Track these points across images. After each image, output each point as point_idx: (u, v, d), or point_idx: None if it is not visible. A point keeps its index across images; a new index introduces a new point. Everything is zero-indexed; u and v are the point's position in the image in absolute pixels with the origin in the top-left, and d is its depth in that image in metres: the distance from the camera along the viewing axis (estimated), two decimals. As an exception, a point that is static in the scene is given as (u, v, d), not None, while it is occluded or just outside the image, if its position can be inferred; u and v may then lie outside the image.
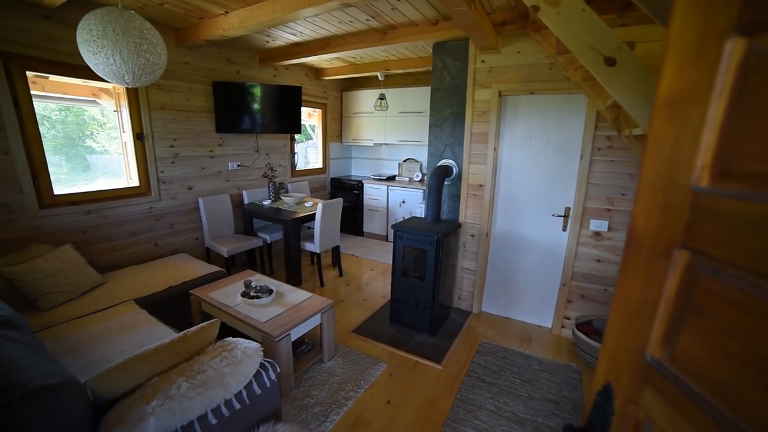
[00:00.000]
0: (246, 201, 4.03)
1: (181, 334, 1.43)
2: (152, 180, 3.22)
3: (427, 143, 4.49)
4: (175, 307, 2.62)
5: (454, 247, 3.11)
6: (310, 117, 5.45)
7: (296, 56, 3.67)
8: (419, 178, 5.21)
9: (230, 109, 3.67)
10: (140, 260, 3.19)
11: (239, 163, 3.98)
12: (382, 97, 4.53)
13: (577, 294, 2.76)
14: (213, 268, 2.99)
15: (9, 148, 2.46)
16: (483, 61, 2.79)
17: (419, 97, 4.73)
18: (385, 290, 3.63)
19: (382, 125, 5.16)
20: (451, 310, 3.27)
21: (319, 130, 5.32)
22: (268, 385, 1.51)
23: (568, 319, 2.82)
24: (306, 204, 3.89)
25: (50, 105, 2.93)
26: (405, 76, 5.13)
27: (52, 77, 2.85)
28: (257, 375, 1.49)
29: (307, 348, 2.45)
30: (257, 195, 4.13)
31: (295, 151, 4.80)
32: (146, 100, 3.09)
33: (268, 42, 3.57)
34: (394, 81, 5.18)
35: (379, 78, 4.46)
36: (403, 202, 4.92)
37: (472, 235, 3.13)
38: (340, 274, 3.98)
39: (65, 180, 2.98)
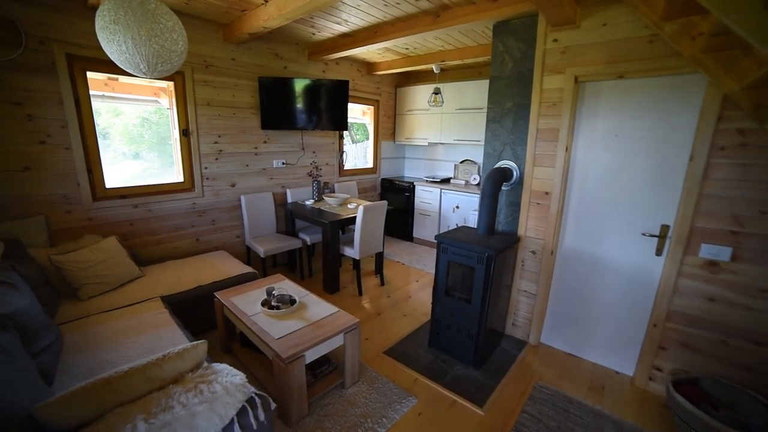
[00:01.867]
0: (289, 200, 3.92)
1: (159, 356, 1.23)
2: (196, 176, 3.23)
3: (483, 143, 4.00)
4: (201, 307, 2.54)
5: (509, 264, 2.61)
6: (364, 114, 5.25)
7: (344, 48, 3.44)
8: (476, 182, 4.69)
9: (276, 105, 3.57)
10: (181, 255, 3.21)
11: (284, 161, 3.89)
12: (436, 92, 4.13)
13: (674, 340, 2.10)
14: (245, 269, 2.87)
15: (70, 144, 2.58)
16: (555, 41, 2.26)
17: (479, 92, 4.23)
18: (428, 306, 3.23)
19: (437, 123, 4.75)
20: (502, 338, 2.77)
21: (370, 128, 5.08)
22: (255, 428, 1.24)
23: (659, 370, 2.17)
24: (349, 206, 3.65)
25: (120, 106, 3.06)
26: (464, 69, 4.66)
27: (121, 78, 2.98)
28: (242, 413, 1.23)
29: (328, 368, 2.17)
30: (301, 194, 4.01)
31: (344, 149, 4.61)
32: (193, 95, 3.09)
33: (314, 34, 3.39)
34: (451, 75, 4.73)
35: (435, 71, 4.07)
36: (457, 207, 4.46)
37: (533, 252, 2.60)
38: (382, 283, 3.67)
39: (157, 174, 3.21)
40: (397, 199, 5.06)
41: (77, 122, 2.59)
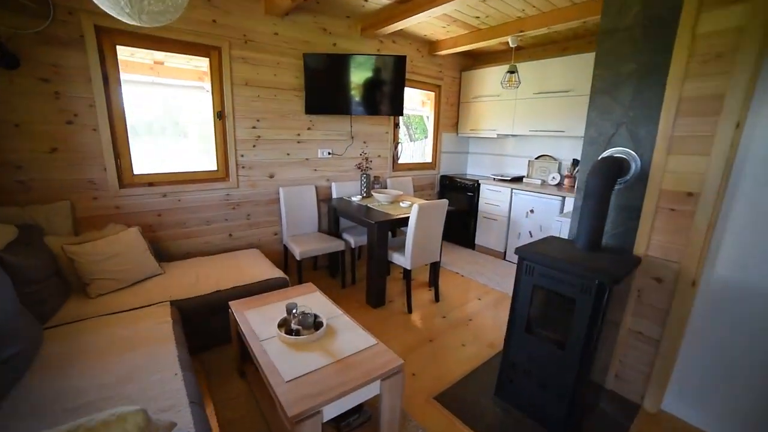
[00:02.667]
0: (334, 195, 3.46)
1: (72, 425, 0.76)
2: (231, 164, 2.89)
3: (571, 134, 3.17)
4: (216, 316, 2.14)
5: (618, 295, 1.83)
6: (424, 105, 4.64)
7: (401, 17, 2.88)
8: (556, 181, 3.84)
9: (323, 87, 3.12)
10: (212, 251, 2.90)
11: (330, 151, 3.43)
12: (512, 70, 3.38)
13: None
14: (275, 273, 2.44)
15: (97, 125, 2.35)
16: (724, -42, 1.46)
17: (565, 70, 3.41)
18: (494, 335, 2.54)
19: (509, 111, 3.98)
20: (600, 394, 1.99)
21: (429, 122, 4.45)
22: None
23: None
24: (401, 204, 3.08)
25: (165, 90, 2.85)
26: (544, 45, 3.84)
27: (167, 62, 2.76)
28: None
29: (358, 420, 1.62)
30: (348, 189, 3.52)
31: (399, 140, 4.05)
32: (229, 74, 2.74)
33: (365, 4, 2.88)
34: (528, 53, 3.93)
35: (510, 44, 3.33)
36: (531, 211, 3.66)
37: (659, 280, 1.80)
38: (436, 299, 3.04)
39: (194, 161, 2.96)
40: (458, 199, 4.37)
41: (105, 101, 2.35)
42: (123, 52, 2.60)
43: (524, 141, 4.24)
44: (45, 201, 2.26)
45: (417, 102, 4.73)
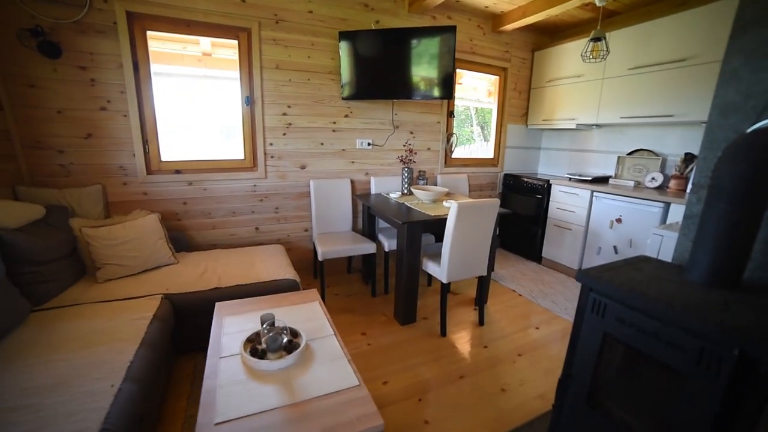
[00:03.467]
0: (373, 191, 3.10)
1: None
2: (259, 153, 2.71)
3: (683, 119, 2.36)
4: (209, 316, 1.92)
5: None
6: (491, 96, 4.04)
7: (453, -21, 2.40)
8: (657, 183, 2.94)
9: (361, 69, 2.78)
10: (237, 244, 2.77)
11: (370, 142, 3.08)
12: (598, 37, 2.61)
13: None
14: (286, 274, 2.16)
15: (127, 111, 2.34)
16: None
17: (681, 32, 2.55)
18: (550, 382, 1.91)
19: (594, 94, 3.18)
20: None
21: (494, 108, 3.83)
22: None
23: None
24: (445, 204, 2.59)
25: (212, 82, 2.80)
26: (648, 6, 2.97)
27: (215, 54, 2.71)
28: None
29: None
30: (389, 185, 3.13)
31: (453, 131, 3.53)
32: (259, 56, 2.56)
33: (412, -38, 2.46)
34: (622, 20, 3.09)
35: (597, 3, 2.57)
36: (618, 220, 2.84)
37: None
38: (481, 322, 2.47)
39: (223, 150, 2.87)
40: (524, 203, 3.68)
41: (134, 87, 2.32)
42: (173, 46, 2.59)
43: (613, 132, 3.37)
44: (81, 185, 2.30)
45: (483, 92, 4.14)
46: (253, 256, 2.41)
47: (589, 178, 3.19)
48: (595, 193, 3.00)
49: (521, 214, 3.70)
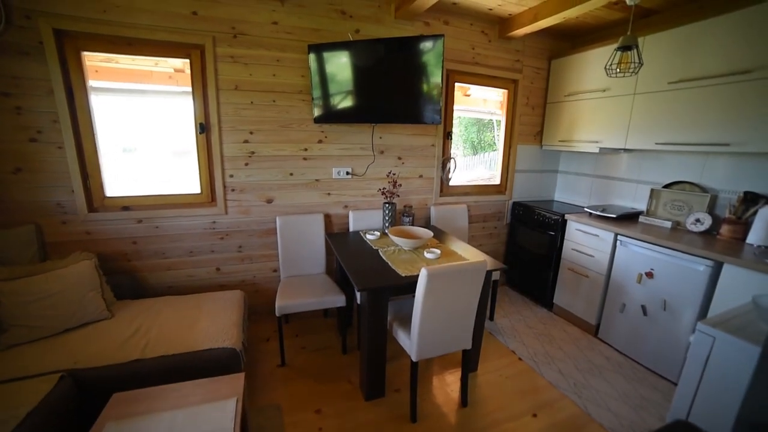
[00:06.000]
0: (352, 227, 2.70)
1: None
2: (217, 186, 2.38)
3: (742, 149, 1.80)
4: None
5: None
6: (502, 107, 3.54)
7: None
8: (704, 227, 2.35)
9: (337, 87, 2.38)
10: (196, 287, 2.46)
11: (349, 170, 2.68)
12: (627, 45, 2.04)
13: None
14: (225, 341, 1.81)
15: (62, 143, 2.07)
16: None
17: (743, 35, 1.96)
18: None
19: (623, 113, 2.62)
20: None
21: (501, 126, 3.32)
22: None
23: None
24: (426, 254, 2.13)
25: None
26: (698, 1, 2.36)
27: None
28: None
29: None
30: (372, 220, 2.72)
31: (451, 155, 3.06)
32: (214, 77, 2.22)
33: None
34: (663, 19, 2.49)
35: (628, 2, 2.01)
36: (650, 274, 2.28)
37: None
38: (464, 402, 2.01)
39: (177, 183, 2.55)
40: (534, 238, 3.15)
41: (69, 116, 2.04)
42: (144, 62, 2.29)
43: (645, 158, 2.78)
44: (10, 225, 2.05)
45: (494, 105, 3.63)
46: (202, 309, 2.08)
47: (614, 216, 2.63)
48: (620, 237, 2.45)
49: (531, 251, 3.17)
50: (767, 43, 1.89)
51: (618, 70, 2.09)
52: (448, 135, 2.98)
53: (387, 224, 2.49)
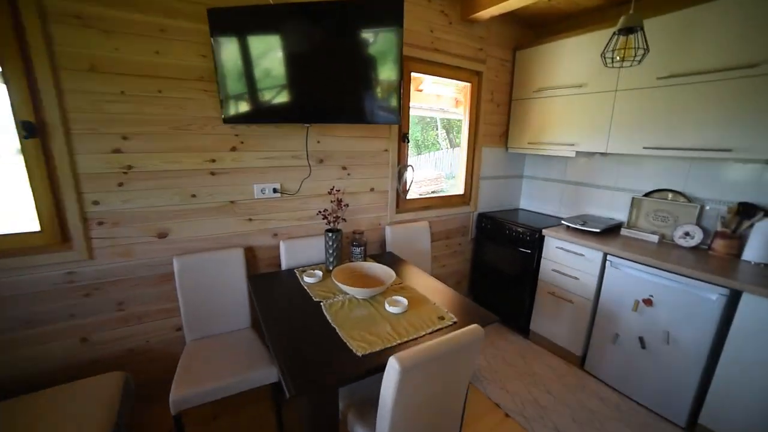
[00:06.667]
0: (284, 264, 2.02)
1: None
2: (71, 219, 1.56)
3: (743, 155, 1.33)
4: None
5: None
6: (458, 106, 3.10)
7: None
8: (694, 242, 2.08)
9: (255, 73, 1.69)
10: (48, 373, 1.61)
11: (277, 187, 2.00)
12: (630, 26, 1.63)
13: None
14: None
15: None
16: None
17: (746, 23, 1.66)
18: None
19: (602, 112, 2.28)
20: None
21: (464, 126, 2.86)
22: None
23: None
24: (389, 308, 1.52)
25: None
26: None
27: None
28: None
29: None
30: (311, 252, 2.07)
31: (408, 163, 2.52)
32: (44, 47, 1.40)
33: None
34: (652, 5, 2.17)
35: None
36: (648, 301, 1.94)
37: None
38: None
39: None
40: (505, 256, 2.74)
41: None
42: None
43: (623, 163, 2.49)
44: None
45: (448, 101, 3.17)
46: (47, 419, 1.28)
47: (597, 230, 2.28)
48: (609, 258, 2.09)
49: (502, 270, 2.76)
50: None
51: (618, 57, 1.68)
52: (404, 138, 2.43)
53: (332, 259, 1.87)
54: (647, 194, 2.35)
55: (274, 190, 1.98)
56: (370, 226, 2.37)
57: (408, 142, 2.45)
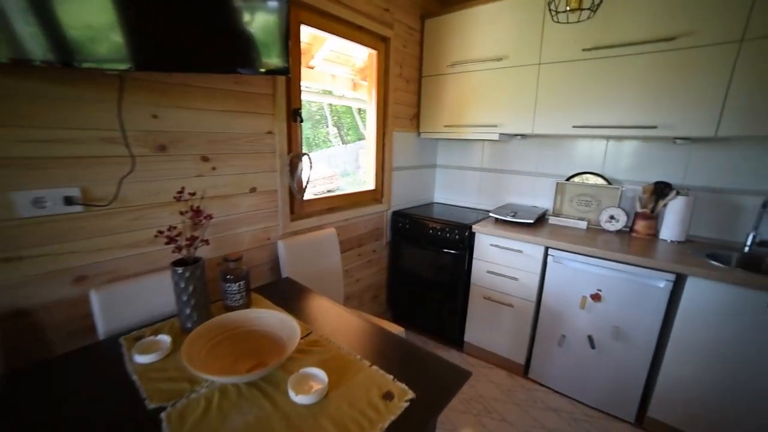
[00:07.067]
0: (101, 328, 1.14)
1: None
2: None
3: (665, 133, 1.09)
4: None
5: None
6: (356, 89, 2.59)
7: None
8: (619, 225, 1.98)
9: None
10: None
11: (74, 194, 1.11)
12: None
13: None
14: None
15: None
16: None
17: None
18: None
19: (526, 89, 2.01)
20: None
21: (371, 108, 2.31)
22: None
23: None
24: (296, 397, 0.90)
25: None
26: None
27: None
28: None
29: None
30: (149, 301, 1.23)
31: (302, 152, 1.85)
32: None
33: None
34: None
35: None
36: (597, 296, 1.72)
37: None
38: None
39: None
40: (427, 259, 2.31)
41: None
42: None
43: (544, 146, 2.31)
44: None
45: (344, 83, 2.61)
46: None
47: (531, 221, 2.02)
48: (551, 252, 1.83)
49: (425, 277, 2.34)
50: (696, 5, 1.50)
51: (565, 6, 1.35)
52: (295, 115, 1.76)
53: (188, 311, 1.10)
54: (569, 178, 2.21)
55: (68, 200, 1.09)
56: (254, 244, 1.64)
57: (301, 121, 1.79)
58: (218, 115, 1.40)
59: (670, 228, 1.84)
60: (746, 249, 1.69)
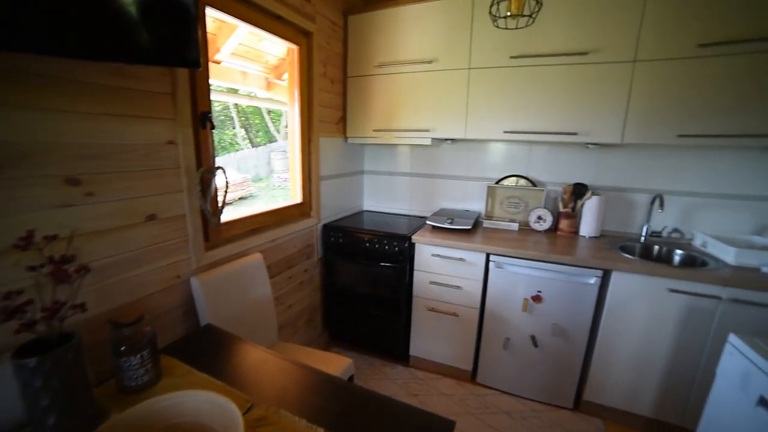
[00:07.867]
0: None
1: None
2: None
3: (585, 139, 1.16)
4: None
5: None
6: (270, 88, 2.28)
7: None
8: (547, 225, 2.10)
9: None
10: None
11: None
12: None
13: None
14: None
15: None
16: None
17: (588, 9, 1.63)
18: None
19: (457, 92, 1.98)
20: None
21: (293, 111, 2.03)
22: None
23: None
24: None
25: None
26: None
27: None
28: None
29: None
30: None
31: (215, 163, 1.51)
32: None
33: None
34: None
35: None
36: (538, 297, 1.78)
37: None
38: None
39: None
40: (364, 274, 2.15)
41: None
42: None
43: (473, 150, 2.34)
44: None
45: (257, 82, 2.27)
46: None
47: (468, 227, 2.01)
48: (493, 258, 1.83)
49: (362, 293, 2.17)
50: (599, 26, 1.64)
51: (507, 12, 1.31)
52: (204, 119, 1.41)
53: (53, 420, 0.73)
54: (498, 181, 2.27)
55: None
56: (159, 286, 1.26)
57: (213, 127, 1.45)
58: (94, 119, 1.01)
59: (587, 225, 2.01)
60: (642, 239, 1.93)
